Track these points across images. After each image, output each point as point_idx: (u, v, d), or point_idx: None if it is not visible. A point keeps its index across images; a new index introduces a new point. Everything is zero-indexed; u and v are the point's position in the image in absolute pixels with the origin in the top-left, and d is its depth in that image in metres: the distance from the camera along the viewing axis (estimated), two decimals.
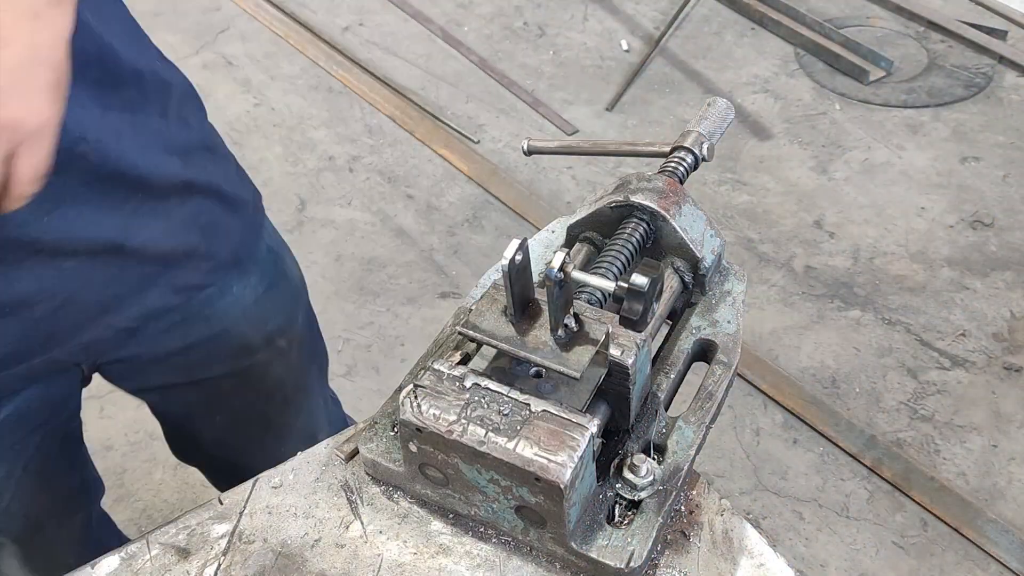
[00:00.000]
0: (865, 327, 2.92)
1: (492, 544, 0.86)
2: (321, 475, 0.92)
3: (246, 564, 0.85)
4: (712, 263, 1.00)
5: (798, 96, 3.80)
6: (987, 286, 3.03)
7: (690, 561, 0.85)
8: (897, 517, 2.45)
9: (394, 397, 0.93)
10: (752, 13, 4.16)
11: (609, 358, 0.82)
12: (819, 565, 2.37)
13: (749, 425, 2.66)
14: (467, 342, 0.90)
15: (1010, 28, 4.01)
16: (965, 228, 3.23)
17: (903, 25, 4.12)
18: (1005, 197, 3.33)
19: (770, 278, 3.08)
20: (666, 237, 0.99)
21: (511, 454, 0.77)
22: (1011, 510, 2.45)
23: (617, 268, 0.97)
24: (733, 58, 3.98)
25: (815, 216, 3.29)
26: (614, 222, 1.00)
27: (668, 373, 0.95)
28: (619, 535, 0.82)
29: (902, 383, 2.76)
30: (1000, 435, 2.63)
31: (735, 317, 1.00)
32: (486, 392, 0.81)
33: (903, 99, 3.75)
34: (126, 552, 0.87)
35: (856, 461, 2.57)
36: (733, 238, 3.19)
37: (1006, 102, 3.73)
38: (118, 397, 2.79)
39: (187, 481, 2.58)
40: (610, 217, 1.00)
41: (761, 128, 3.65)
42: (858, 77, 3.82)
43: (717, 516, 0.88)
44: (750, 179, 3.43)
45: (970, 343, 2.87)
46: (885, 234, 3.22)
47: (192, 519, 0.89)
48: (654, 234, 0.99)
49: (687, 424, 0.90)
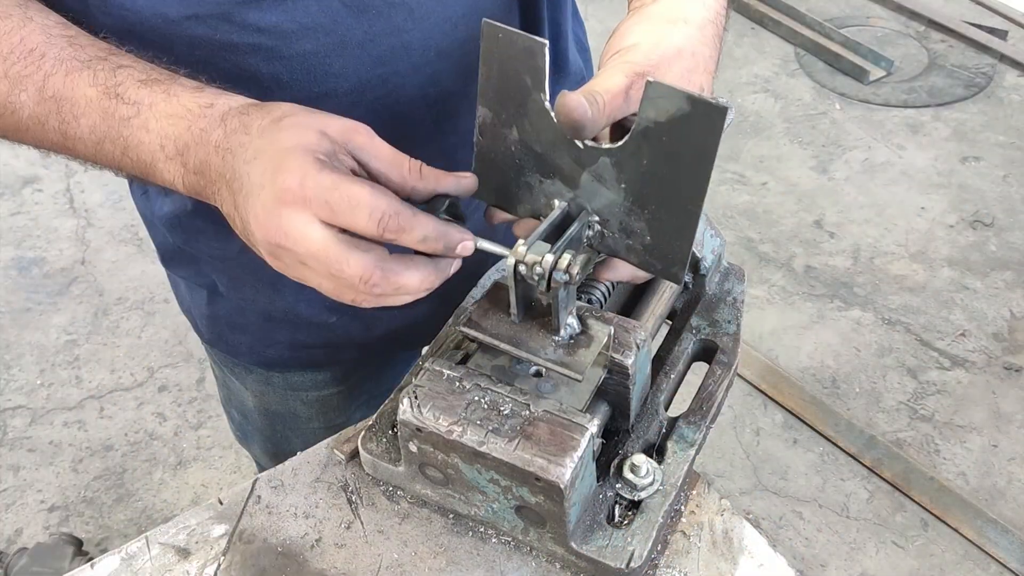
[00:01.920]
0: (865, 327, 2.92)
1: (492, 544, 0.86)
2: (321, 475, 0.92)
3: (246, 564, 0.85)
4: (712, 263, 1.00)
5: (798, 96, 3.80)
6: (987, 286, 3.03)
7: (690, 561, 0.85)
8: (897, 517, 2.45)
9: (394, 397, 0.93)
10: (752, 13, 4.16)
11: (609, 358, 0.82)
12: (819, 565, 2.37)
13: (749, 425, 2.66)
14: (467, 341, 0.90)
15: (1010, 28, 4.01)
16: (965, 228, 3.23)
17: (903, 25, 4.12)
18: (1005, 197, 3.33)
19: (770, 278, 3.08)
20: None
21: (511, 454, 0.77)
22: (1011, 510, 2.45)
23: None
24: (733, 58, 3.98)
25: (815, 216, 3.29)
26: None
27: (668, 373, 0.95)
28: (619, 535, 0.82)
29: (902, 383, 2.76)
30: (1000, 435, 2.63)
31: (735, 317, 1.00)
32: (486, 392, 0.81)
33: (903, 99, 3.75)
34: (126, 552, 0.87)
35: (856, 461, 2.56)
36: (733, 238, 3.19)
37: (1006, 102, 3.73)
38: (118, 397, 2.80)
39: (187, 481, 2.58)
40: None
41: (761, 128, 3.65)
42: (858, 77, 3.82)
43: (717, 516, 0.88)
44: (750, 179, 3.43)
45: (970, 343, 2.87)
46: (885, 234, 3.22)
47: (192, 519, 0.89)
48: None
49: (687, 424, 0.90)
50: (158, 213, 1.15)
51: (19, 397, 2.80)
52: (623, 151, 0.75)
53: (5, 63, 0.81)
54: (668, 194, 0.76)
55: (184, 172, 0.80)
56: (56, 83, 0.81)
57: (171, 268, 1.26)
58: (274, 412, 1.36)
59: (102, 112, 0.81)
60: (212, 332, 1.27)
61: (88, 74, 0.81)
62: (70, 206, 3.43)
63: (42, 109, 0.82)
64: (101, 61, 0.82)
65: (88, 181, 3.48)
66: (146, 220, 1.21)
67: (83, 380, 2.85)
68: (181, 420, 2.74)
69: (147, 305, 3.07)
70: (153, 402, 2.79)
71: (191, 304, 1.29)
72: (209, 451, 2.66)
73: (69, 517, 2.50)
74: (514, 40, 0.75)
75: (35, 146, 0.87)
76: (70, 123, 0.82)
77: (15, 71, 0.81)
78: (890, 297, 3.00)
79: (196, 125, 0.79)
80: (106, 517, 2.50)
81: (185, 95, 0.80)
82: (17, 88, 0.81)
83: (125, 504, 2.53)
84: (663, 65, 0.79)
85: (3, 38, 0.81)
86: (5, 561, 2.18)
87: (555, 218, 0.80)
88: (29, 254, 3.25)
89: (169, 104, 0.80)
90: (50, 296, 3.11)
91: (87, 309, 3.06)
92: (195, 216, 1.10)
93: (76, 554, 2.13)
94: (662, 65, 0.79)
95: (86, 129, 0.82)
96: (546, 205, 0.82)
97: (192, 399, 2.79)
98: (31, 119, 0.83)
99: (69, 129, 0.82)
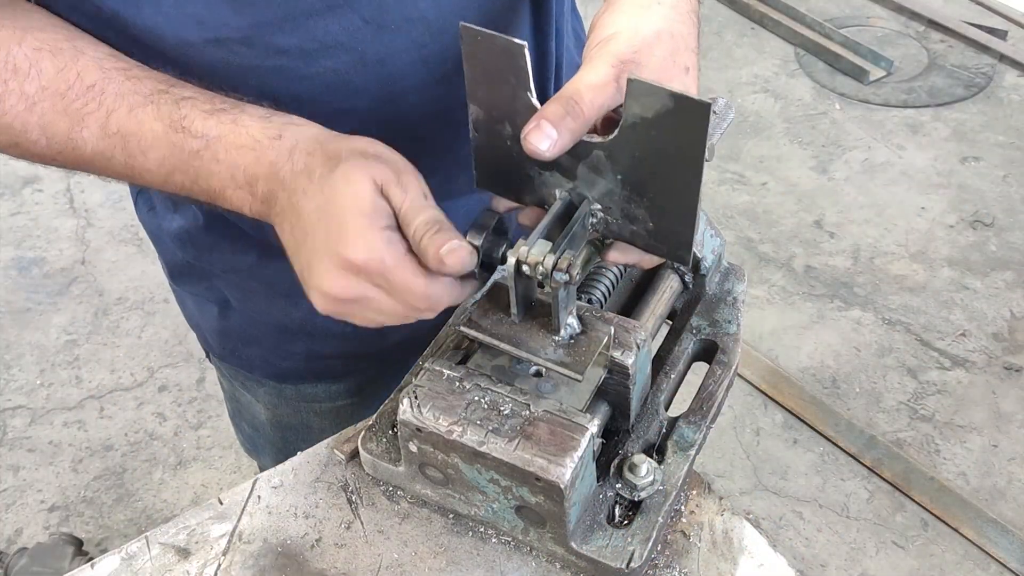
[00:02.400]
0: (865, 327, 2.92)
1: (492, 544, 0.86)
2: (321, 475, 0.92)
3: (246, 564, 0.85)
4: (712, 263, 1.00)
5: (798, 96, 3.80)
6: (987, 286, 3.03)
7: (690, 561, 0.85)
8: (897, 517, 2.45)
9: (394, 397, 0.93)
10: (752, 13, 4.16)
11: (609, 358, 0.82)
12: (819, 565, 2.37)
13: (749, 425, 2.66)
14: (467, 341, 0.90)
15: (1010, 28, 4.01)
16: (965, 228, 3.23)
17: (903, 25, 4.12)
18: (1005, 197, 3.33)
19: (770, 278, 3.08)
20: None
21: (511, 454, 0.77)
22: (1011, 510, 2.45)
23: (616, 270, 0.97)
24: (733, 58, 3.98)
25: (815, 216, 3.29)
26: None
27: (668, 373, 0.95)
28: (619, 535, 0.82)
29: (902, 383, 2.76)
30: (1000, 435, 2.63)
31: (735, 317, 1.00)
32: (486, 392, 0.81)
33: (903, 99, 3.75)
34: (126, 552, 0.87)
35: (856, 461, 2.56)
36: (733, 238, 3.19)
37: (1006, 102, 3.73)
38: (118, 397, 2.80)
39: (187, 481, 2.58)
40: None
41: (761, 128, 3.65)
42: (858, 77, 3.82)
43: (717, 516, 0.88)
44: (750, 179, 3.43)
45: (970, 343, 2.87)
46: (885, 234, 3.22)
47: (192, 519, 0.89)
48: None
49: (687, 424, 0.90)
50: (167, 228, 1.14)
51: (19, 397, 2.80)
52: (614, 144, 0.75)
53: (64, 100, 0.81)
54: (664, 184, 0.76)
55: (252, 200, 0.82)
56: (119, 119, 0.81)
57: (180, 284, 1.25)
58: (287, 424, 1.36)
59: (170, 146, 0.81)
60: (224, 347, 1.27)
61: (151, 108, 0.81)
62: (70, 206, 3.43)
63: (106, 144, 0.83)
64: (162, 94, 0.82)
65: (88, 181, 3.48)
66: (153, 236, 1.21)
67: (83, 380, 2.85)
68: (181, 420, 2.74)
69: (147, 305, 3.07)
70: (153, 402, 2.79)
71: (200, 319, 1.28)
72: (209, 451, 2.66)
73: (69, 517, 2.50)
74: (494, 42, 0.75)
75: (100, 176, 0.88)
76: (137, 157, 0.83)
77: (75, 108, 0.81)
78: (890, 297, 3.00)
79: (265, 157, 0.80)
80: (106, 517, 2.51)
81: (253, 125, 0.81)
82: (79, 125, 0.82)
83: (125, 504, 2.53)
84: (645, 50, 0.79)
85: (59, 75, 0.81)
86: (5, 561, 2.18)
87: (558, 210, 0.80)
88: (29, 254, 3.25)
89: (237, 135, 0.81)
90: (50, 296, 3.11)
91: (87, 309, 3.06)
92: (207, 231, 1.10)
93: (76, 554, 2.13)
94: (644, 50, 0.79)
95: (154, 162, 0.83)
96: (548, 194, 0.82)
97: (192, 399, 2.79)
98: (95, 154, 0.84)
99: (136, 163, 0.83)
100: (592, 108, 0.75)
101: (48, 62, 0.81)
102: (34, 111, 0.81)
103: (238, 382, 1.35)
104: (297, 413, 1.33)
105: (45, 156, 0.85)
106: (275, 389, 1.31)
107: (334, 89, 0.92)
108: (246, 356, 1.27)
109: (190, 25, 0.84)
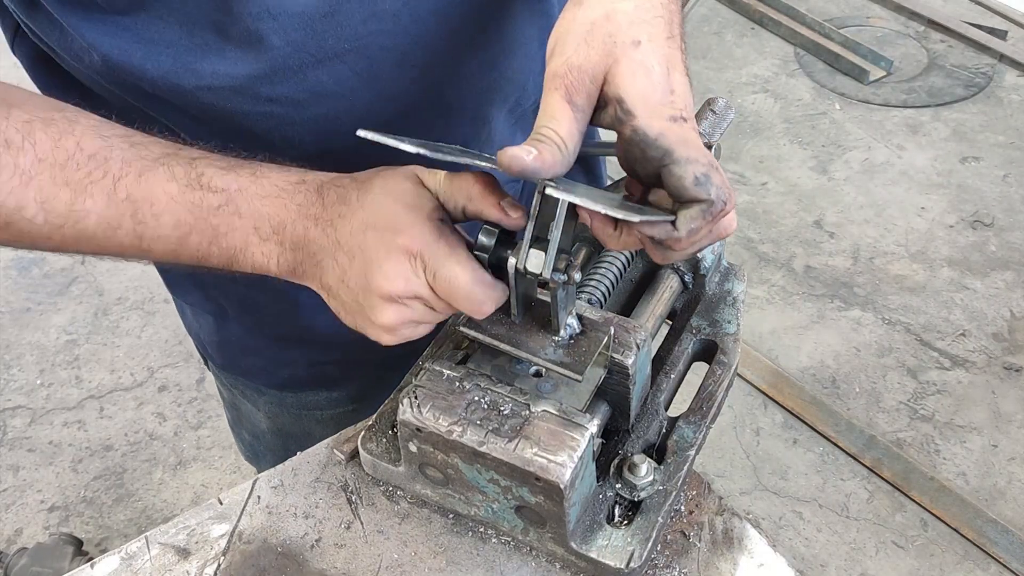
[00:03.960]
0: (865, 327, 2.92)
1: (492, 544, 0.86)
2: (321, 475, 0.92)
3: (246, 564, 0.85)
4: (712, 263, 1.00)
5: (798, 96, 3.80)
6: (987, 286, 3.03)
7: (690, 561, 0.85)
8: (897, 517, 2.45)
9: (394, 397, 0.93)
10: (752, 13, 4.16)
11: (609, 358, 0.82)
12: (819, 565, 2.37)
13: (749, 425, 2.66)
14: (467, 341, 0.90)
15: (1010, 28, 4.01)
16: (965, 228, 3.23)
17: (903, 25, 4.12)
18: (1005, 197, 3.33)
19: (770, 278, 3.08)
20: None
21: (511, 454, 0.77)
22: (1011, 510, 2.45)
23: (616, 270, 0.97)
24: (733, 58, 3.98)
25: (815, 216, 3.29)
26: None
27: (668, 373, 0.95)
28: (619, 535, 0.82)
29: (902, 383, 2.76)
30: (1000, 435, 2.63)
31: (735, 317, 1.00)
32: (486, 392, 0.81)
33: (903, 99, 3.75)
34: (126, 552, 0.87)
35: (856, 461, 2.56)
36: (733, 238, 3.19)
37: (1006, 102, 3.73)
38: (118, 397, 2.81)
39: (187, 481, 2.58)
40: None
41: (761, 128, 3.65)
42: (858, 77, 3.82)
43: (717, 516, 0.88)
44: (750, 179, 3.43)
45: (970, 343, 2.87)
46: (885, 234, 3.22)
47: (192, 519, 0.89)
48: None
49: (687, 424, 0.90)
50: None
51: (19, 397, 2.80)
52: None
53: (65, 171, 0.77)
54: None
55: (281, 251, 0.81)
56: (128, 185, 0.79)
57: (177, 294, 1.24)
58: (288, 432, 1.35)
59: (188, 205, 0.79)
60: (223, 356, 1.27)
61: (163, 171, 0.79)
62: None
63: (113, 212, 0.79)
64: (172, 156, 0.80)
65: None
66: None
67: (83, 380, 2.85)
68: (181, 420, 2.74)
69: (147, 305, 3.07)
70: (153, 402, 2.79)
71: (199, 329, 1.28)
72: (209, 451, 2.66)
73: (69, 517, 2.50)
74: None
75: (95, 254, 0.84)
76: (148, 223, 0.80)
77: (77, 178, 0.77)
78: (890, 297, 3.00)
79: (292, 201, 0.79)
80: (106, 517, 2.51)
81: (273, 174, 0.81)
82: (82, 195, 0.78)
83: (125, 504, 2.53)
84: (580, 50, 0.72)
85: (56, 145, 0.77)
86: (5, 561, 2.18)
87: (538, 203, 0.77)
88: (29, 254, 3.25)
89: (259, 185, 0.80)
90: (50, 296, 3.11)
91: (87, 309, 3.06)
92: None
93: (76, 554, 2.14)
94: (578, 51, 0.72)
95: (168, 226, 0.80)
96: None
97: (192, 399, 2.79)
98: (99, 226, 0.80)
99: (147, 230, 0.80)
100: (568, 144, 0.71)
101: (41, 133, 0.77)
102: (31, 185, 0.76)
103: (238, 391, 1.35)
104: (298, 421, 1.32)
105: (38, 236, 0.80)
106: (276, 397, 1.30)
107: (323, 133, 0.92)
108: (246, 365, 1.26)
109: (183, 73, 0.84)
